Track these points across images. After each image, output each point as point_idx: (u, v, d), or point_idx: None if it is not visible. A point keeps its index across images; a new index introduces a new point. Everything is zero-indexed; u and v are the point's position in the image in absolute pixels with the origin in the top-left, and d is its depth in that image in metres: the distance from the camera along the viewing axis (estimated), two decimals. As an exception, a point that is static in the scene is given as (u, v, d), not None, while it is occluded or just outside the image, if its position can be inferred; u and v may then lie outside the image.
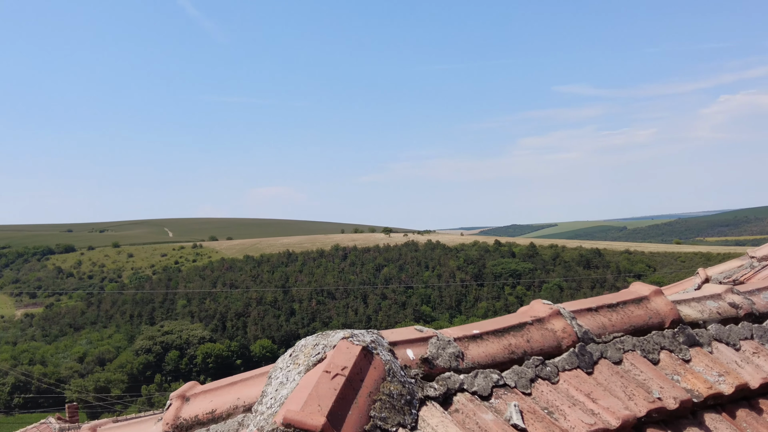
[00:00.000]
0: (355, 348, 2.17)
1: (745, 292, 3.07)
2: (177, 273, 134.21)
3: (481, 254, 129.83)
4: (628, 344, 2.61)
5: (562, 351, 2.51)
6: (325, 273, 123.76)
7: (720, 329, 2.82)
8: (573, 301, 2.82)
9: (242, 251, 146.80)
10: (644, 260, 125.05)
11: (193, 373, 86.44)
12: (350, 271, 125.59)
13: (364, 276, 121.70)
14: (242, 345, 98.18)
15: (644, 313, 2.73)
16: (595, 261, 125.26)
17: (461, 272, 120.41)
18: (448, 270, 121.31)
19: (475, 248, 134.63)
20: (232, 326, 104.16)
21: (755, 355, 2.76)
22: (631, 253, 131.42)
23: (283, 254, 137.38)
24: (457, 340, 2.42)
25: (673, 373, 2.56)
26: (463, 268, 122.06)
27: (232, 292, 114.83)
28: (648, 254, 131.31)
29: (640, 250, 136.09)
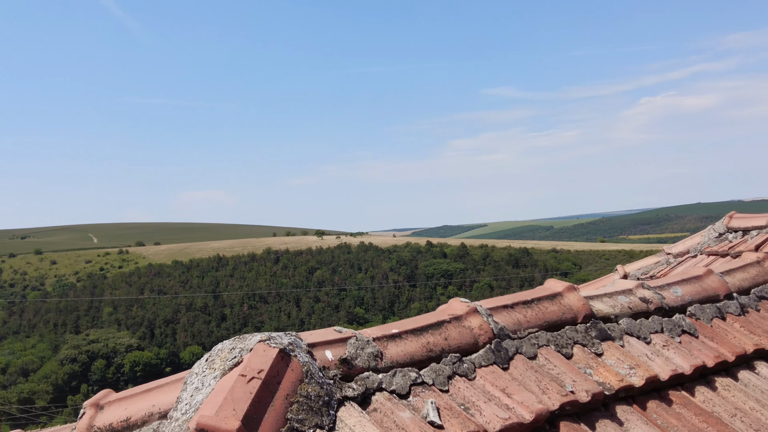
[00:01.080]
0: (272, 351, 2.16)
1: (656, 287, 3.19)
2: (102, 280, 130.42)
3: (413, 255, 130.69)
4: (542, 339, 2.68)
5: (479, 348, 2.55)
6: (256, 277, 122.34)
7: (631, 323, 2.92)
8: (490, 298, 2.87)
9: (170, 256, 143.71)
10: (570, 258, 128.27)
11: (121, 382, 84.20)
12: (282, 274, 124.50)
13: (297, 279, 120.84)
14: (172, 352, 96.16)
15: (558, 309, 2.80)
16: (523, 260, 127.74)
17: (394, 273, 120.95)
18: (380, 271, 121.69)
19: (408, 249, 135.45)
20: (161, 333, 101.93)
21: (665, 348, 2.86)
22: (558, 252, 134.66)
23: (213, 259, 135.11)
24: (376, 340, 2.43)
25: (585, 366, 2.63)
26: (396, 270, 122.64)
27: (160, 299, 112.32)
28: (574, 252, 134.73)
29: (566, 249, 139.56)
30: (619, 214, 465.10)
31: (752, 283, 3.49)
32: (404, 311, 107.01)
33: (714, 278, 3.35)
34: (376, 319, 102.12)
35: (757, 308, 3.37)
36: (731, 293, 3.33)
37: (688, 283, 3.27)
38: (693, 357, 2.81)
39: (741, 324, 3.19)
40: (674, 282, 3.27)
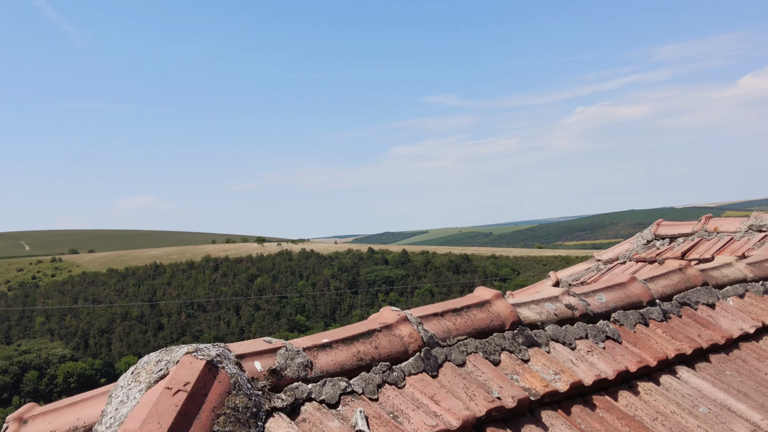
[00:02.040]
0: (199, 363, 2.14)
1: (581, 294, 3.27)
2: (35, 289, 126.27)
3: (355, 262, 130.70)
4: (471, 347, 2.72)
5: (409, 356, 2.58)
6: (195, 285, 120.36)
7: (557, 330, 2.99)
8: (421, 306, 2.91)
9: (105, 264, 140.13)
10: (509, 264, 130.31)
11: (54, 394, 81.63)
12: (222, 282, 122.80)
13: (237, 287, 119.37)
14: (107, 363, 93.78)
15: (486, 316, 2.86)
16: (463, 266, 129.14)
17: (335, 280, 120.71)
18: (322, 278, 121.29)
19: (349, 256, 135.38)
20: (96, 343, 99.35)
21: (589, 353, 2.94)
22: (497, 258, 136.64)
23: (150, 267, 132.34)
24: (306, 349, 2.43)
25: (512, 372, 2.68)
26: (338, 276, 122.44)
27: (94, 308, 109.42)
28: (512, 258, 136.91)
29: (505, 255, 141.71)
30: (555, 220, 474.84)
31: (674, 290, 3.61)
32: (346, 318, 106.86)
33: (637, 285, 3.46)
34: (317, 327, 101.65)
35: (679, 314, 3.49)
36: (654, 300, 3.44)
37: (613, 290, 3.37)
38: (616, 362, 2.90)
39: (663, 330, 3.30)
40: (599, 289, 3.36)
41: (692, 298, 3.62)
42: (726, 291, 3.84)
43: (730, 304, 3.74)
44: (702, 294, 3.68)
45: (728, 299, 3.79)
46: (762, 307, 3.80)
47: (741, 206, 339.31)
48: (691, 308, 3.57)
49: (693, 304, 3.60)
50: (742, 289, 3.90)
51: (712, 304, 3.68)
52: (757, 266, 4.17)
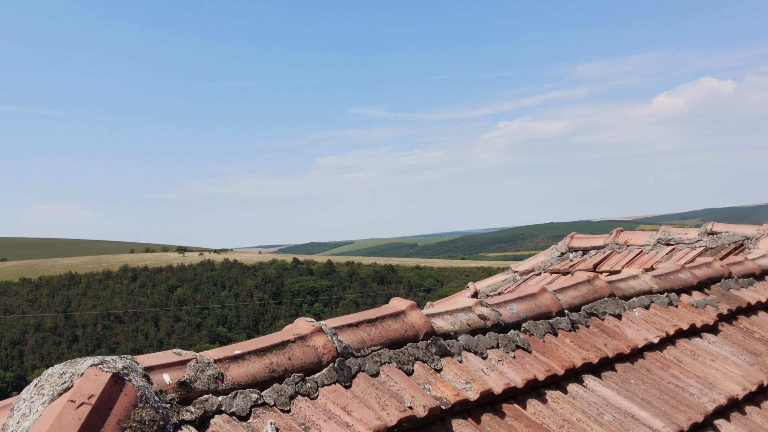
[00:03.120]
0: (105, 375, 2.09)
1: (494, 305, 3.35)
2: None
3: (279, 272, 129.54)
4: (385, 357, 2.75)
5: (323, 366, 2.58)
6: (112, 295, 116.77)
7: (469, 339, 3.05)
8: (337, 317, 2.92)
9: (18, 273, 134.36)
10: (433, 275, 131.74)
11: (-40, 410, 77.66)
12: (140, 293, 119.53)
13: (156, 298, 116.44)
14: (18, 376, 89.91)
15: (401, 326, 2.89)
16: (388, 277, 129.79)
17: (259, 291, 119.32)
18: (245, 289, 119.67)
19: (274, 266, 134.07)
20: (7, 356, 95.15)
21: (500, 362, 3.01)
22: (422, 269, 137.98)
23: (64, 276, 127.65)
24: (217, 361, 2.41)
25: (425, 382, 2.72)
26: (261, 287, 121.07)
27: (6, 319, 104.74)
28: (436, 269, 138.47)
29: (429, 266, 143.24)
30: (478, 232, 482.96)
31: (583, 301, 3.74)
32: (269, 329, 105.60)
33: (547, 296, 3.57)
34: (239, 338, 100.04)
35: (586, 324, 3.61)
36: (563, 310, 3.55)
37: (524, 301, 3.46)
38: (525, 371, 2.98)
39: (571, 339, 3.41)
40: (511, 299, 3.45)
41: (600, 309, 3.76)
42: (632, 302, 3.99)
43: (636, 315, 3.89)
44: (609, 305, 3.82)
45: (634, 310, 3.95)
46: (666, 318, 3.97)
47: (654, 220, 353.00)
48: (598, 318, 3.71)
49: (600, 315, 3.73)
50: (647, 301, 4.07)
51: (619, 315, 3.82)
52: (662, 278, 4.36)
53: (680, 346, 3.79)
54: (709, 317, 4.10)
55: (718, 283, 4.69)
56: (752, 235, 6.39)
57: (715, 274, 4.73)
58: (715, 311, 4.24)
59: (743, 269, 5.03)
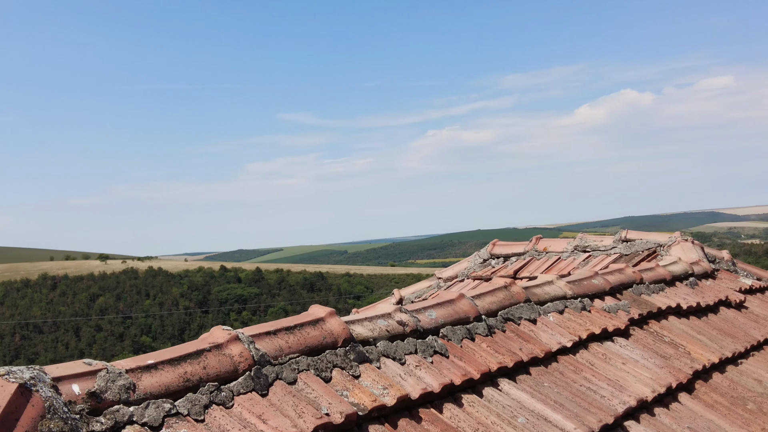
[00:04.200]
0: (11, 386, 2.03)
1: (413, 311, 3.39)
2: None
3: (206, 280, 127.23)
4: (303, 364, 2.75)
5: (239, 375, 2.56)
6: (30, 304, 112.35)
7: (388, 345, 3.09)
8: (255, 325, 2.91)
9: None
10: (363, 282, 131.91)
11: None
12: (60, 302, 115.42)
13: (77, 307, 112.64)
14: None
15: (319, 333, 2.90)
16: (318, 284, 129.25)
17: (185, 299, 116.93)
18: (170, 298, 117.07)
19: (200, 274, 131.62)
20: None
21: (418, 368, 3.05)
22: (351, 276, 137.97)
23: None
24: (129, 371, 2.37)
25: (343, 389, 2.74)
26: (187, 295, 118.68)
27: None
28: (366, 276, 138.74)
29: (359, 273, 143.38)
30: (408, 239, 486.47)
31: (500, 306, 3.83)
32: (195, 338, 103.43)
33: (465, 302, 3.64)
34: (164, 348, 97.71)
35: (503, 329, 3.70)
36: (480, 315, 3.63)
37: (442, 307, 3.52)
38: (442, 376, 3.03)
39: (488, 344, 3.48)
40: (430, 305, 3.50)
41: (516, 314, 3.85)
42: (547, 307, 4.11)
43: (550, 320, 4.01)
44: (525, 310, 3.92)
45: (549, 315, 4.06)
46: (579, 323, 4.10)
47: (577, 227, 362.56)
48: (514, 323, 3.80)
49: (516, 320, 3.83)
50: (561, 306, 4.19)
51: (534, 320, 3.92)
52: (576, 284, 4.50)
53: (593, 349, 3.92)
54: (620, 322, 4.25)
55: (630, 289, 4.87)
56: (664, 242, 6.66)
57: (628, 280, 4.91)
58: (627, 316, 4.40)
59: (655, 275, 5.24)
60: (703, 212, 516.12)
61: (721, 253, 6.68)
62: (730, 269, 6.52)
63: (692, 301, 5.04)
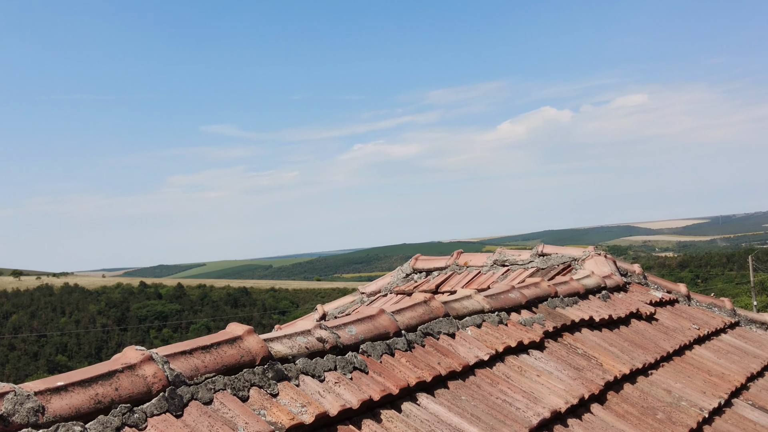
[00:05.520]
0: None
1: (333, 327, 3.40)
2: None
3: (124, 297, 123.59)
4: (219, 384, 2.72)
5: (153, 396, 2.52)
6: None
7: (307, 363, 3.08)
8: (170, 345, 2.86)
9: None
10: (288, 297, 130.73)
11: None
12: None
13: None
14: None
15: (237, 352, 2.87)
16: (242, 300, 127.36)
17: (102, 317, 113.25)
18: (87, 315, 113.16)
19: (119, 290, 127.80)
20: None
21: (337, 384, 3.06)
22: (277, 291, 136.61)
23: None
24: (38, 393, 2.29)
25: (260, 408, 2.72)
26: (105, 312, 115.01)
27: None
28: (292, 291, 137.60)
29: (284, 288, 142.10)
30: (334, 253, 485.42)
31: (419, 321, 3.88)
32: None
33: (385, 317, 3.67)
34: (80, 367, 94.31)
35: (422, 344, 3.74)
36: (400, 331, 3.67)
37: (362, 323, 3.54)
38: (361, 392, 3.04)
39: (407, 359, 3.52)
40: (350, 321, 3.52)
41: (435, 329, 3.91)
42: (465, 321, 4.18)
43: (468, 334, 4.08)
44: (444, 324, 3.99)
45: (467, 329, 4.14)
46: (496, 336, 4.18)
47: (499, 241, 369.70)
48: (433, 338, 3.85)
49: (435, 334, 3.88)
50: (479, 320, 4.28)
51: (453, 334, 3.99)
52: (494, 298, 4.60)
53: (509, 362, 4.01)
54: (536, 334, 4.37)
55: (545, 302, 5.00)
56: (579, 256, 6.88)
57: (543, 294, 5.05)
58: (542, 329, 4.52)
59: (569, 289, 5.41)
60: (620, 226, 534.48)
61: (632, 267, 6.94)
62: (641, 282, 6.79)
63: (604, 314, 5.22)
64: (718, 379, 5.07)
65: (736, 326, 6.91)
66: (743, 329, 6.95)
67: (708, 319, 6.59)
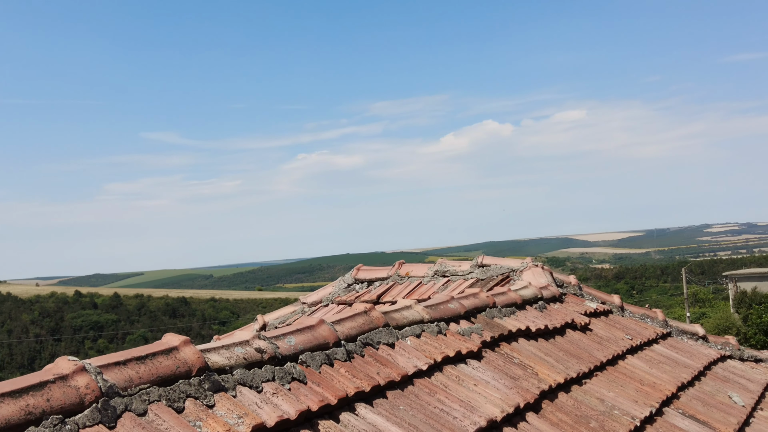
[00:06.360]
0: None
1: (272, 337, 3.39)
2: None
3: (59, 306, 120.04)
4: (154, 395, 2.68)
5: (86, 407, 2.47)
6: None
7: (245, 373, 3.07)
8: (104, 355, 2.81)
9: None
10: (229, 307, 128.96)
11: None
12: None
13: None
14: None
15: (172, 363, 2.84)
16: (181, 310, 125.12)
17: (36, 327, 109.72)
18: (20, 325, 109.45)
19: (53, 299, 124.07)
20: None
21: (275, 395, 3.05)
22: (217, 301, 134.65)
23: None
24: (-36, 406, 2.23)
25: (196, 419, 2.69)
26: (38, 322, 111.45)
27: None
28: (232, 301, 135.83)
29: (225, 298, 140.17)
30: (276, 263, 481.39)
31: (359, 331, 3.89)
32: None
33: (325, 327, 3.68)
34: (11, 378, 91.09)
35: (362, 354, 3.76)
36: (340, 341, 3.68)
37: (302, 333, 3.54)
38: (299, 402, 3.04)
39: (346, 369, 3.53)
40: (289, 332, 3.51)
41: (375, 339, 3.93)
42: (405, 331, 4.22)
43: (408, 344, 4.11)
44: (384, 335, 4.01)
45: (407, 339, 4.17)
46: (435, 346, 4.23)
47: (442, 252, 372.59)
48: (373, 348, 3.87)
49: (375, 345, 3.91)
50: (419, 330, 4.32)
51: (392, 344, 4.02)
52: (433, 308, 4.65)
53: (447, 372, 4.06)
54: (474, 344, 4.43)
55: (483, 312, 5.08)
56: (517, 267, 7.00)
57: (481, 304, 5.13)
58: (480, 339, 4.59)
59: (506, 299, 5.50)
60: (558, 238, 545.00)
61: (568, 278, 7.10)
62: (577, 293, 6.95)
63: (541, 324, 5.33)
64: (649, 389, 5.22)
65: (668, 337, 7.13)
66: (675, 340, 7.17)
67: (641, 329, 6.78)
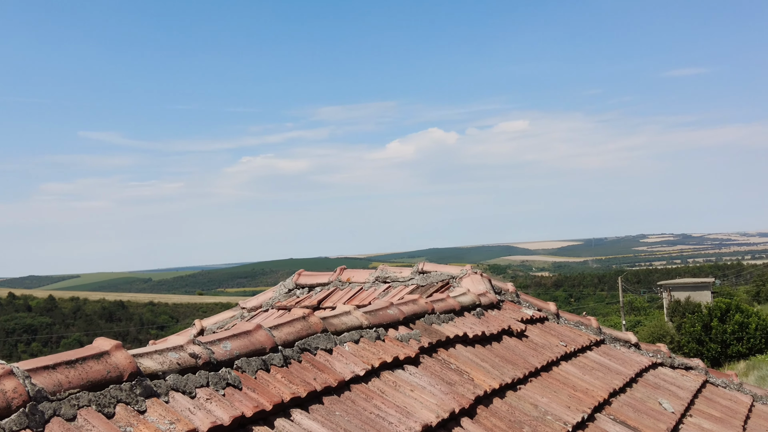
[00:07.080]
0: None
1: (207, 343, 3.36)
2: None
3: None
4: (83, 400, 2.63)
5: (12, 412, 2.41)
6: None
7: (178, 379, 3.03)
8: (34, 359, 2.74)
9: None
10: (168, 311, 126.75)
11: None
12: None
13: None
14: None
15: (103, 368, 2.79)
16: (118, 313, 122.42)
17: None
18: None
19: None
20: None
21: (209, 401, 3.02)
22: (156, 305, 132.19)
23: None
24: None
25: (126, 425, 2.65)
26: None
27: None
28: (172, 305, 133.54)
29: (164, 302, 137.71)
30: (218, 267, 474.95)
31: (297, 336, 3.88)
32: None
33: (262, 333, 3.66)
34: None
35: (299, 360, 3.75)
36: (277, 346, 3.66)
37: (238, 338, 3.52)
38: (234, 408, 3.02)
39: (283, 375, 3.52)
40: (226, 337, 3.48)
41: (313, 344, 3.93)
42: (343, 337, 4.23)
43: (346, 350, 4.12)
44: (322, 340, 4.01)
45: (345, 345, 4.18)
46: (373, 352, 4.25)
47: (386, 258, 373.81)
48: (311, 354, 3.87)
49: (313, 350, 3.90)
50: (357, 335, 4.33)
51: (330, 350, 4.02)
52: (372, 314, 4.67)
53: (384, 377, 4.08)
54: (411, 350, 4.47)
55: (422, 319, 5.13)
56: (457, 274, 7.09)
57: (420, 310, 5.17)
58: (418, 344, 4.64)
59: (445, 306, 5.56)
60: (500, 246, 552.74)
61: (506, 285, 7.22)
62: (514, 300, 7.07)
63: (478, 330, 5.40)
64: (582, 395, 5.34)
65: (601, 344, 7.31)
66: (608, 347, 7.36)
67: (575, 336, 6.94)
